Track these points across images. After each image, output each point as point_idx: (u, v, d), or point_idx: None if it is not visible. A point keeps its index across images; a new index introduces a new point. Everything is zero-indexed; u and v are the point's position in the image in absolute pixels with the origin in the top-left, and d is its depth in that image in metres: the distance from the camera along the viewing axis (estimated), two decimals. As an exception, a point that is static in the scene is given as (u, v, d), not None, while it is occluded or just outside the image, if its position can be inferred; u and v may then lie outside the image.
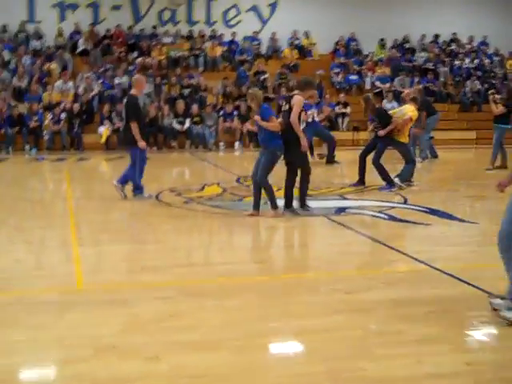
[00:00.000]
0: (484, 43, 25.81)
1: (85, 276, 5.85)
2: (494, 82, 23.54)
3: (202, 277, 5.86)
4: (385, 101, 20.44)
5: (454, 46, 25.45)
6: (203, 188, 10.89)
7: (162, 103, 19.06)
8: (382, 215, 8.72)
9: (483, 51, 25.44)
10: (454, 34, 25.58)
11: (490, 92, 15.17)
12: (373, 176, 11.18)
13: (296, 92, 8.68)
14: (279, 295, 5.33)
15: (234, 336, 4.40)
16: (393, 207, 9.33)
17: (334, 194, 10.55)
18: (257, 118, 8.36)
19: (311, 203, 9.30)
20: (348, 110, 20.31)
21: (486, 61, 24.96)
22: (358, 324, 4.63)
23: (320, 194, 10.48)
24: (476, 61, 24.82)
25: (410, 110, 11.27)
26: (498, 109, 13.78)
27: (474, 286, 5.51)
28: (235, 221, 8.66)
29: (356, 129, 19.96)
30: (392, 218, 8.52)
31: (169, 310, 4.91)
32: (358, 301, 5.13)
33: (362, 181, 11.27)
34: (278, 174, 9.09)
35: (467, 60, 24.80)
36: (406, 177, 11.16)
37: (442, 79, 23.40)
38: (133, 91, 9.83)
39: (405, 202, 9.81)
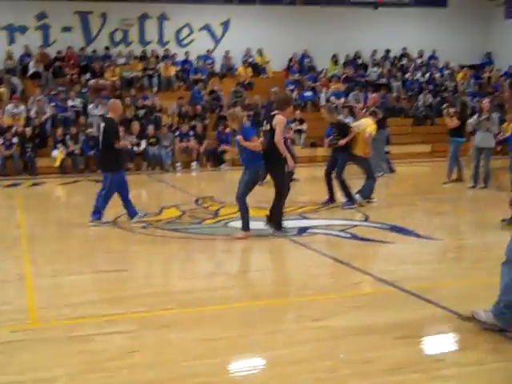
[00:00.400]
0: (433, 57, 26.25)
1: (39, 311, 5.59)
2: (445, 95, 23.92)
3: (164, 307, 5.65)
4: (341, 116, 20.62)
5: (404, 61, 25.81)
6: (161, 211, 10.68)
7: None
8: (345, 234, 8.65)
9: (433, 65, 25.86)
10: (405, 48, 25.95)
11: (444, 106, 15.35)
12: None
13: (276, 112, 8.56)
14: (245, 325, 5.17)
15: (201, 371, 4.23)
16: (355, 225, 9.27)
17: (295, 213, 10.41)
18: (239, 138, 8.31)
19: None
20: (304, 126, 20.34)
21: (437, 74, 25.36)
22: (326, 354, 4.50)
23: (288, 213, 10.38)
24: (427, 75, 25.21)
25: (368, 125, 11.28)
26: (453, 122, 13.92)
27: (441, 306, 5.44)
28: (195, 245, 8.50)
29: (313, 145, 19.99)
30: (354, 237, 8.45)
31: (131, 345, 4.70)
32: (326, 328, 5.01)
33: (332, 198, 11.19)
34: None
35: (418, 74, 25.17)
36: (367, 193, 11.16)
37: (395, 94, 23.69)
38: (110, 114, 9.68)
39: (366, 220, 9.76)
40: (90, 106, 19.34)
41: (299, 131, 20.27)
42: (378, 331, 4.92)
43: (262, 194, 10.11)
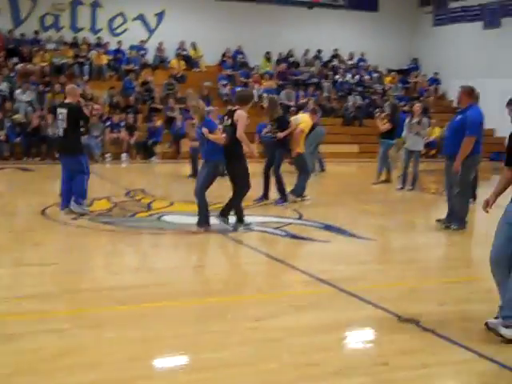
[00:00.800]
0: (363, 60, 26.65)
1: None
2: (374, 97, 24.33)
3: (98, 304, 5.41)
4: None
5: (335, 62, 26.09)
6: (92, 202, 10.32)
7: (45, 112, 18.13)
8: (280, 232, 8.57)
9: (363, 67, 26.25)
10: (336, 50, 26.23)
11: (376, 111, 15.61)
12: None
13: (237, 107, 8.49)
14: (184, 324, 4.98)
15: (140, 374, 4.04)
16: (289, 223, 9.20)
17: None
18: (205, 130, 8.15)
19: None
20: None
21: (366, 77, 25.76)
22: (271, 356, 4.38)
23: (215, 209, 10.19)
24: (357, 77, 25.58)
25: (304, 120, 11.30)
26: (385, 125, 14.15)
27: (381, 307, 5.42)
28: (128, 239, 8.24)
29: (244, 141, 19.88)
30: (290, 235, 8.38)
31: (65, 345, 4.45)
32: (269, 329, 4.89)
33: (266, 195, 11.11)
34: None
35: (348, 76, 25.51)
36: (300, 191, 11.15)
37: (325, 94, 23.90)
38: (70, 99, 9.52)
39: (300, 218, 9.72)
40: (18, 91, 18.58)
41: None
42: (322, 332, 4.84)
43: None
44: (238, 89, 10.92)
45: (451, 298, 5.88)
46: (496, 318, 4.88)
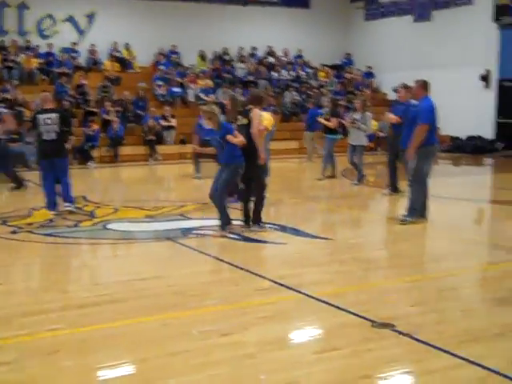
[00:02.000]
0: (299, 56, 26.60)
1: None
2: (310, 93, 24.27)
3: (49, 327, 4.92)
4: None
5: (271, 59, 25.93)
6: (31, 213, 9.74)
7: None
8: (234, 236, 8.20)
9: (298, 63, 26.20)
10: (270, 47, 26.09)
11: (319, 117, 15.52)
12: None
13: (251, 106, 8.40)
14: (143, 345, 4.54)
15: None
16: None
17: (174, 213, 9.89)
18: (230, 137, 7.91)
19: (152, 225, 8.69)
20: (174, 122, 19.78)
21: (302, 73, 25.72)
22: (245, 376, 4.03)
23: (160, 214, 9.81)
24: (292, 73, 25.50)
25: (266, 119, 11.03)
26: (333, 122, 14.11)
27: (352, 313, 5.15)
28: (75, 251, 7.76)
29: (183, 142, 19.48)
30: (245, 239, 8.04)
31: (14, 380, 3.97)
32: (238, 344, 4.53)
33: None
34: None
35: (284, 72, 25.40)
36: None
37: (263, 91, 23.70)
38: (49, 105, 9.95)
39: (252, 220, 9.39)
40: None
41: (168, 128, 19.70)
42: (296, 345, 4.55)
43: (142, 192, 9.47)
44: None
45: (421, 297, 5.68)
46: None
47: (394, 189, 11.59)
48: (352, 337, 4.69)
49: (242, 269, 6.58)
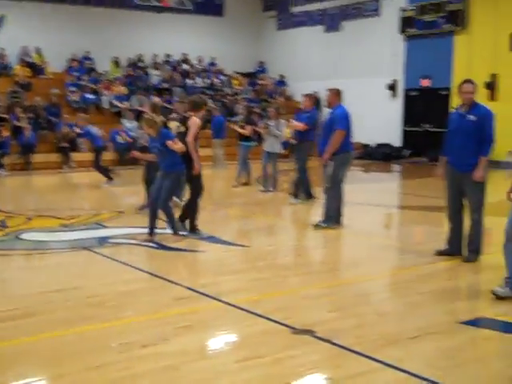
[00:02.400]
0: (213, 64, 26.67)
1: None
2: (225, 100, 24.38)
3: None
4: (125, 120, 20.01)
5: (185, 66, 25.87)
6: None
7: None
8: (151, 244, 8.11)
9: (213, 71, 26.26)
10: (185, 54, 26.04)
11: (233, 123, 15.61)
12: (127, 199, 10.58)
13: (191, 113, 8.48)
14: (61, 361, 4.40)
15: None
16: (158, 234, 8.77)
17: (90, 222, 9.69)
18: (169, 143, 7.94)
19: (68, 234, 8.48)
20: (89, 130, 19.37)
21: (216, 80, 25.79)
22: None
23: (76, 222, 9.58)
24: (207, 80, 25.54)
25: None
26: (247, 129, 14.21)
27: (273, 320, 5.18)
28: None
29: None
30: (162, 247, 7.95)
31: None
32: (160, 355, 4.46)
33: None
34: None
35: (199, 79, 25.40)
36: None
37: (176, 98, 23.58)
38: None
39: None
40: None
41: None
42: (218, 355, 4.53)
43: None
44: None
45: (338, 302, 5.78)
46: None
47: (309, 195, 11.74)
48: (273, 344, 4.72)
49: (160, 278, 6.51)
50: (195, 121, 8.41)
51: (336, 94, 9.10)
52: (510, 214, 5.86)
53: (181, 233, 8.44)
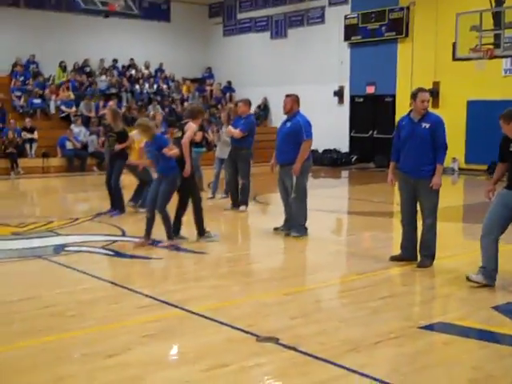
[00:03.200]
0: (160, 69, 26.55)
1: None
2: (173, 106, 24.30)
3: None
4: (73, 125, 19.74)
5: (132, 71, 25.68)
6: None
7: None
8: (107, 251, 8.02)
9: (161, 77, 26.13)
10: (132, 59, 25.85)
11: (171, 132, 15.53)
12: (79, 206, 10.42)
13: (188, 120, 8.74)
14: (24, 372, 4.31)
15: None
16: (114, 241, 8.69)
17: (42, 229, 9.52)
18: (165, 150, 8.12)
19: (20, 242, 8.31)
20: (35, 135, 19.04)
21: (164, 86, 25.69)
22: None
23: (28, 230, 9.39)
24: (155, 86, 25.40)
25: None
26: (198, 136, 14.09)
27: (236, 328, 5.19)
28: None
29: (46, 155, 18.80)
30: (119, 254, 7.88)
31: None
32: (124, 366, 4.41)
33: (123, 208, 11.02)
34: None
35: (147, 85, 25.25)
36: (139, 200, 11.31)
37: (125, 104, 23.40)
38: None
39: (124, 234, 9.25)
40: None
41: (30, 140, 18.94)
42: (183, 363, 4.51)
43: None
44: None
45: (301, 309, 5.81)
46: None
47: (235, 203, 11.65)
48: (238, 352, 4.73)
49: (121, 286, 6.45)
50: (191, 125, 8.65)
51: (295, 100, 9.05)
52: (489, 211, 6.42)
53: (179, 239, 8.58)
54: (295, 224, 9.02)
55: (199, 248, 8.38)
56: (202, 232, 8.76)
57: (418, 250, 7.49)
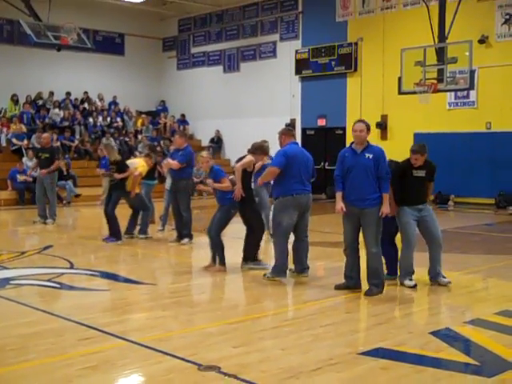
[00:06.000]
0: (114, 102, 26.60)
1: None
2: (127, 139, 24.34)
3: None
4: (25, 158, 19.58)
5: (86, 104, 25.67)
6: None
7: None
8: (54, 284, 7.98)
9: (114, 110, 26.17)
10: (86, 92, 25.86)
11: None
12: (30, 240, 10.33)
13: (249, 154, 9.15)
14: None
15: None
16: (62, 274, 8.65)
17: (-12, 263, 9.43)
18: (209, 181, 8.99)
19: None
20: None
21: (118, 119, 25.73)
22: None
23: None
24: (108, 119, 25.43)
25: (141, 165, 12.13)
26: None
27: (178, 357, 5.23)
28: None
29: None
30: (65, 287, 7.86)
31: None
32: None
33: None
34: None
35: (100, 118, 25.25)
36: (145, 227, 12.03)
37: (78, 137, 23.39)
38: None
39: (72, 267, 9.21)
40: None
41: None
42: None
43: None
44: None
45: (244, 338, 5.88)
46: None
47: (180, 236, 11.63)
48: (180, 381, 4.77)
49: (64, 318, 6.42)
50: (249, 157, 9.06)
51: (284, 133, 8.71)
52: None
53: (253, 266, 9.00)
54: (274, 263, 8.45)
55: (146, 279, 8.40)
56: (255, 259, 9.13)
57: (361, 279, 7.65)
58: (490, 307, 7.08)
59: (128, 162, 12.37)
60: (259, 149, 9.28)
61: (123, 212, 12.02)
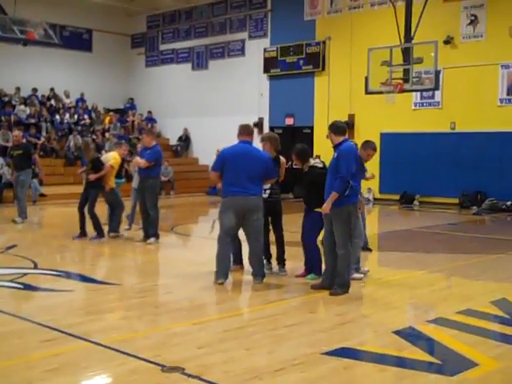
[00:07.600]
0: (82, 99, 26.34)
1: None
2: (94, 137, 24.10)
3: None
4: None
5: (53, 101, 25.38)
6: None
7: None
8: (16, 285, 7.87)
9: (82, 107, 25.91)
10: (52, 89, 25.58)
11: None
12: None
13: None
14: None
15: None
16: (25, 274, 8.54)
17: None
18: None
19: None
20: None
21: (85, 116, 25.49)
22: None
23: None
24: (75, 116, 25.18)
25: (113, 157, 12.02)
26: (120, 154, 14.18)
27: (142, 359, 5.21)
28: None
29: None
30: (29, 288, 7.77)
31: None
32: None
33: (84, 233, 11.66)
34: None
35: (67, 115, 24.99)
36: (117, 224, 11.94)
37: (44, 134, 23.11)
38: None
39: (36, 267, 9.10)
40: None
41: None
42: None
43: None
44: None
45: (208, 338, 5.87)
46: None
47: (146, 235, 11.58)
48: (143, 383, 4.75)
49: (26, 320, 6.35)
50: (283, 161, 8.99)
51: (238, 131, 8.54)
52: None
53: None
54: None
55: (111, 279, 8.35)
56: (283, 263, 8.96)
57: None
58: (452, 306, 7.17)
59: (103, 156, 12.56)
60: (307, 153, 8.67)
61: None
